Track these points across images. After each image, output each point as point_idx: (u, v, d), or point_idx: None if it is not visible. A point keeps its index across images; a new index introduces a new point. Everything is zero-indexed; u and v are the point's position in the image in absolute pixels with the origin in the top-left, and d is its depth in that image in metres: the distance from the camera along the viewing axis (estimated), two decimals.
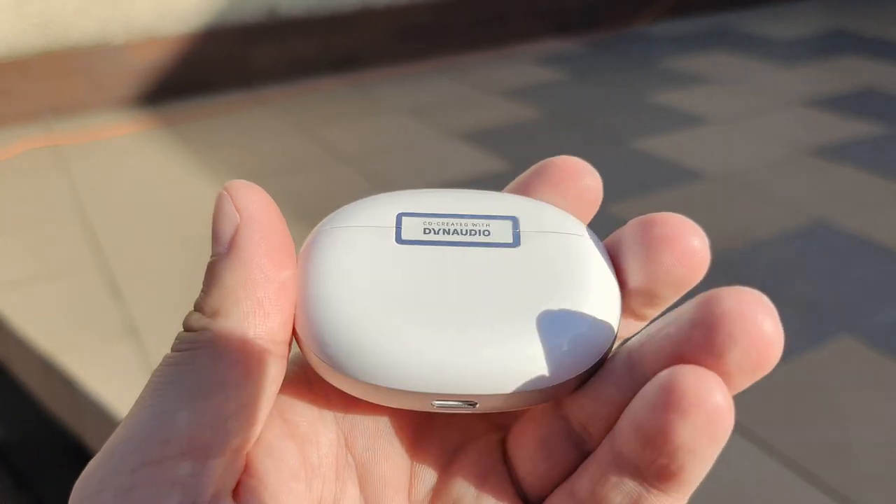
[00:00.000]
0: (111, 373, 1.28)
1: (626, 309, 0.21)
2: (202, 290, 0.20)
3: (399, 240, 0.21)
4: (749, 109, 2.32)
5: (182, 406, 0.18)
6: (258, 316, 0.20)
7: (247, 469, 0.19)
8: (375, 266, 0.21)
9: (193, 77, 2.64)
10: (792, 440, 1.08)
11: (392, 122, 2.37)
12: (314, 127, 2.35)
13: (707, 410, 0.17)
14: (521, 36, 3.14)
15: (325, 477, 0.21)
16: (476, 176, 1.94)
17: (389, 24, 2.91)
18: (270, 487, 0.19)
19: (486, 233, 0.22)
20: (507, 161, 2.03)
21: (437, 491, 0.22)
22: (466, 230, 0.22)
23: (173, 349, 0.20)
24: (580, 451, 0.20)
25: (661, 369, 0.18)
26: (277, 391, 0.20)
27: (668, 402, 0.17)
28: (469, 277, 0.20)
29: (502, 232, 0.22)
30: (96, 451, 0.19)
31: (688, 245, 0.21)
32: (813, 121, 2.22)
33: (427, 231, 0.22)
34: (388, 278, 0.20)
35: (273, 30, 2.73)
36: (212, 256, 0.21)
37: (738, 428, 1.10)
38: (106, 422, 1.21)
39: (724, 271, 1.47)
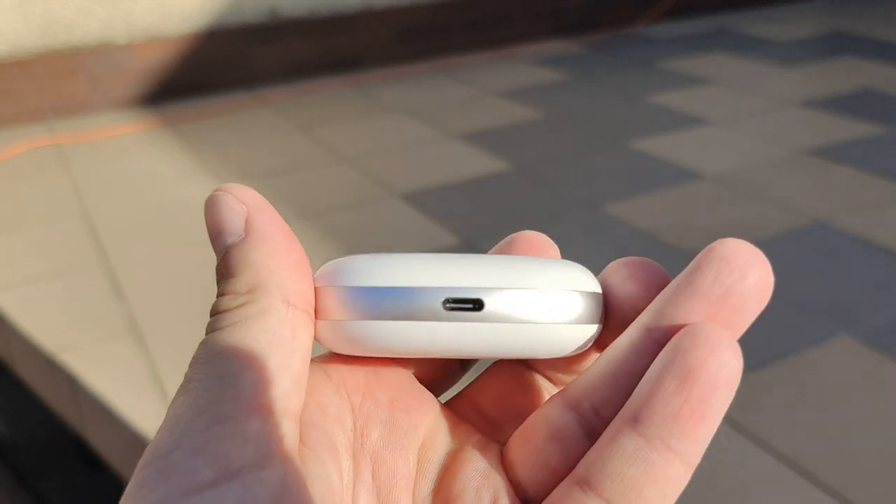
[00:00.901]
0: (113, 371, 1.28)
1: None
2: (225, 278, 0.21)
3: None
4: (748, 110, 2.32)
5: (244, 367, 0.19)
6: (292, 281, 0.21)
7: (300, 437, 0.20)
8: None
9: (195, 77, 2.65)
10: (791, 439, 1.08)
11: (392, 123, 2.37)
12: (315, 127, 2.35)
13: (729, 354, 0.20)
14: (522, 37, 3.14)
15: (347, 460, 0.21)
16: (476, 176, 1.95)
17: (390, 25, 2.92)
18: (321, 456, 0.20)
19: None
20: (507, 161, 2.03)
21: (439, 488, 0.22)
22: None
23: (212, 330, 0.20)
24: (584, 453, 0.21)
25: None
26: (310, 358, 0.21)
27: (696, 342, 0.19)
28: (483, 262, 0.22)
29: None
30: (98, 450, 0.19)
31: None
32: (812, 121, 2.22)
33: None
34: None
35: (274, 30, 2.73)
36: (225, 246, 0.21)
37: (738, 426, 1.10)
38: (107, 420, 1.21)
39: None
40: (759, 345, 1.27)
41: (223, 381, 0.19)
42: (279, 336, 0.20)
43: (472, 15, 3.04)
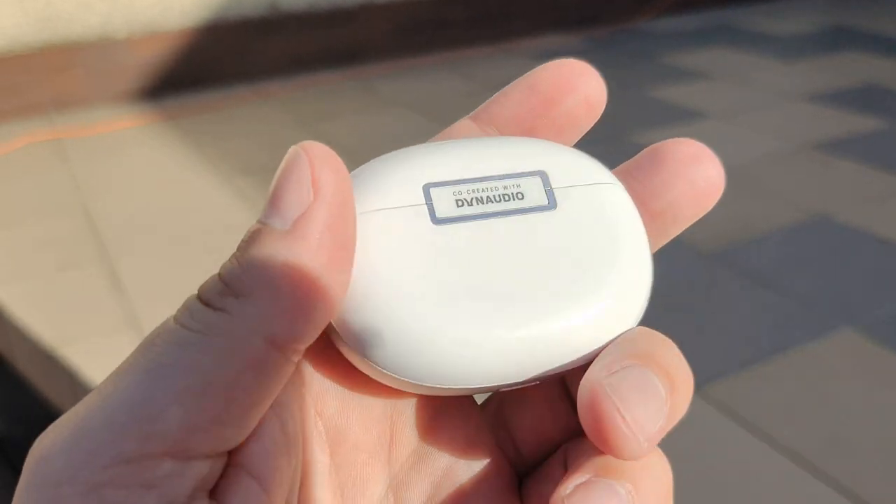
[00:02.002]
0: (113, 366, 1.26)
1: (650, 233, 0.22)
2: (234, 258, 0.17)
3: (434, 219, 0.20)
4: (750, 104, 2.32)
5: (175, 400, 0.16)
6: (291, 317, 0.17)
7: (232, 455, 0.17)
8: (417, 256, 0.19)
9: (195, 71, 2.64)
10: (794, 432, 1.08)
11: (393, 117, 2.37)
12: (315, 121, 2.35)
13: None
14: (523, 31, 3.13)
15: (298, 447, 0.19)
16: None
17: (390, 19, 2.91)
18: (257, 475, 0.17)
19: (520, 196, 0.20)
20: None
21: (420, 454, 0.21)
22: (499, 195, 0.20)
23: (181, 323, 0.17)
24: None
25: None
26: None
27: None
28: (511, 254, 0.20)
29: (535, 192, 0.21)
30: None
31: (708, 164, 0.22)
32: (814, 116, 2.21)
33: (460, 203, 0.20)
34: (433, 269, 0.19)
35: (274, 24, 2.72)
36: (261, 222, 0.18)
37: (740, 420, 1.10)
38: None
39: (726, 265, 1.47)
40: (760, 338, 1.26)
41: (143, 408, 0.16)
42: (240, 378, 0.16)
43: (473, 9, 3.03)
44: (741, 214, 1.67)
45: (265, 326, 0.16)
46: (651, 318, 0.21)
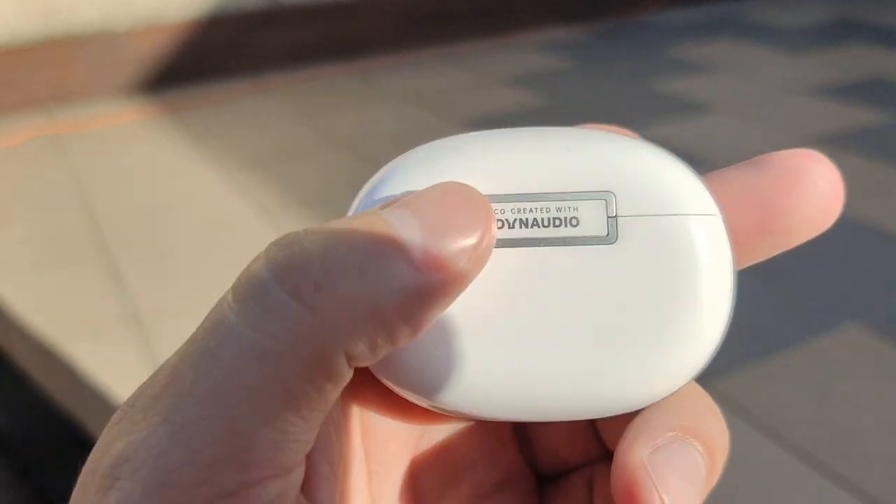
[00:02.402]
0: (113, 361, 1.27)
1: (751, 251, 0.19)
2: (329, 230, 0.15)
3: None
4: (755, 98, 2.31)
5: (265, 423, 0.14)
6: (381, 340, 0.15)
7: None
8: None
9: (195, 64, 2.63)
10: (799, 428, 1.07)
11: (394, 110, 2.36)
12: (316, 114, 2.34)
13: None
14: (525, 23, 3.12)
15: (341, 429, 0.19)
16: None
17: (392, 11, 2.90)
18: (328, 459, 0.17)
19: (574, 221, 0.18)
20: None
21: (441, 448, 0.20)
22: (549, 219, 0.18)
23: (256, 328, 0.15)
24: (604, 445, 0.20)
25: None
26: None
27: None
28: (558, 291, 0.17)
29: (594, 219, 0.18)
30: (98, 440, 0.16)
31: (831, 174, 0.19)
32: (819, 109, 2.20)
33: (504, 224, 0.18)
34: (475, 299, 0.17)
35: (275, 17, 2.72)
36: (384, 207, 0.16)
37: (746, 415, 1.09)
38: (108, 412, 1.20)
39: None
40: (767, 332, 1.26)
41: (235, 440, 0.14)
42: (319, 388, 0.15)
43: (475, 1, 3.02)
44: None
45: (351, 340, 0.15)
46: None
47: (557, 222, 0.18)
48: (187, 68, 2.62)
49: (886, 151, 1.89)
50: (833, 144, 1.95)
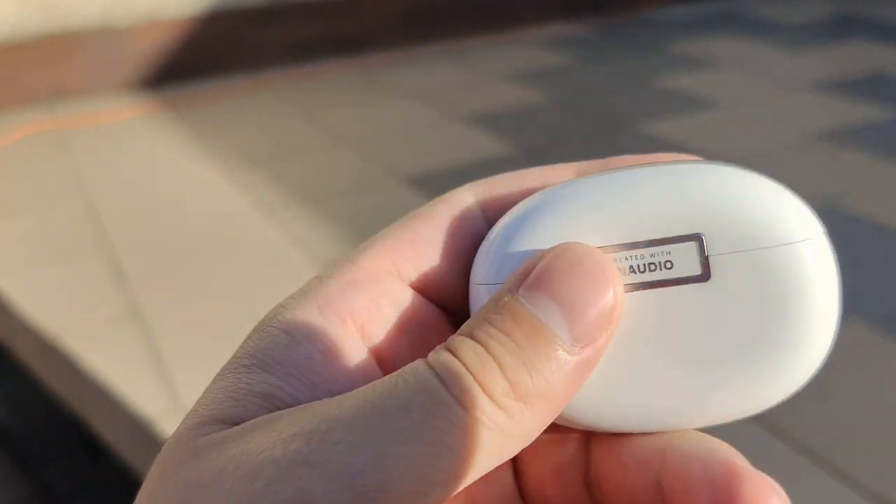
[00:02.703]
0: (114, 356, 1.27)
1: None
2: (514, 353, 0.17)
3: None
4: (758, 94, 2.30)
5: (443, 480, 0.16)
6: (551, 413, 0.17)
7: None
8: None
9: (196, 61, 2.63)
10: (801, 423, 1.07)
11: (396, 107, 2.36)
12: (318, 111, 2.34)
13: None
14: (528, 20, 3.12)
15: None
16: (481, 159, 1.93)
17: (394, 7, 2.89)
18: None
19: (668, 265, 0.19)
20: (512, 145, 2.02)
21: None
22: (645, 265, 0.19)
23: (480, 417, 0.16)
24: (591, 496, 0.20)
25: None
26: None
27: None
28: (661, 331, 0.19)
29: (686, 261, 0.19)
30: (100, 436, 0.16)
31: None
32: (821, 105, 2.20)
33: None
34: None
35: (276, 13, 2.71)
36: (544, 322, 0.17)
37: None
38: (109, 406, 1.20)
39: None
40: None
41: (369, 459, 0.16)
42: (486, 467, 0.17)
43: None
44: None
45: (528, 438, 0.17)
46: None
47: (653, 266, 0.19)
48: (188, 65, 2.62)
49: (888, 147, 1.89)
50: (835, 140, 1.95)
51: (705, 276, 0.18)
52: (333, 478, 0.15)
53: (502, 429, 0.17)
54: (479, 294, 0.19)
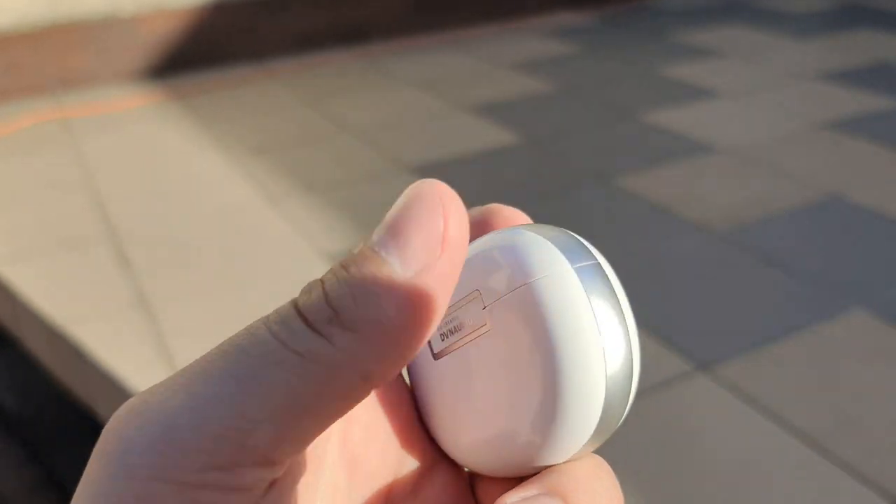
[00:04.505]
0: (121, 344, 1.28)
1: None
2: (346, 285, 0.17)
3: (433, 355, 0.21)
4: (762, 83, 2.30)
5: (268, 418, 0.16)
6: (391, 362, 0.17)
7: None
8: (426, 387, 0.21)
9: (202, 50, 2.63)
10: (804, 413, 1.07)
11: (402, 96, 2.35)
12: (323, 100, 2.34)
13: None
14: (533, 9, 3.11)
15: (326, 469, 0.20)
16: (487, 149, 1.93)
17: None
18: (299, 482, 0.19)
19: (459, 325, 0.20)
20: (518, 134, 2.02)
21: (414, 492, 0.22)
22: (448, 330, 0.20)
23: (280, 340, 0.16)
24: None
25: None
26: None
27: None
28: (472, 383, 0.20)
29: (473, 317, 0.20)
30: (106, 422, 0.17)
31: None
32: (826, 94, 2.19)
33: (443, 337, 0.21)
34: (446, 382, 0.21)
35: (282, 2, 2.71)
36: (377, 254, 0.17)
37: (751, 401, 1.09)
38: (116, 393, 1.21)
39: (737, 245, 1.46)
40: (771, 318, 1.26)
41: (236, 421, 0.16)
42: (333, 405, 0.17)
43: None
44: (752, 194, 1.66)
45: (365, 365, 0.17)
46: (660, 299, 0.20)
47: (453, 330, 0.20)
48: (194, 53, 2.62)
49: (893, 137, 1.88)
50: (840, 130, 1.94)
51: (487, 325, 0.19)
52: (149, 421, 0.16)
53: (323, 358, 0.16)
54: None
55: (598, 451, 0.21)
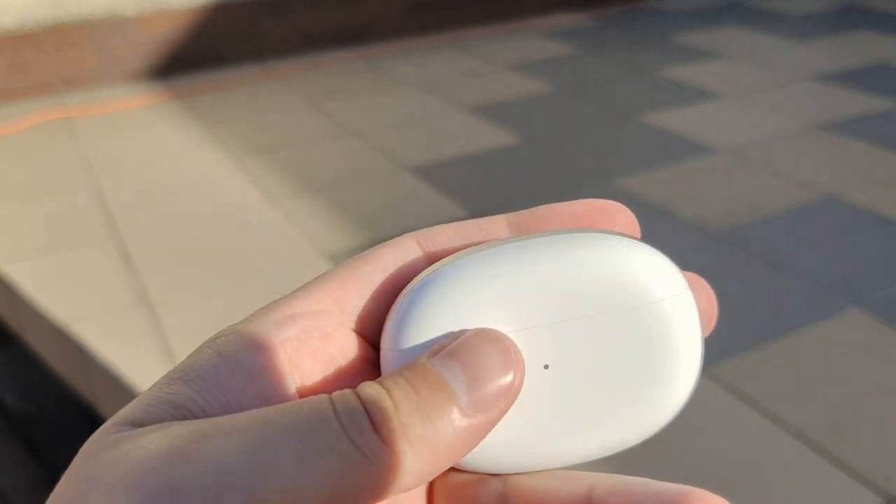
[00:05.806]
0: (124, 342, 1.29)
1: None
2: (414, 403, 0.18)
3: None
4: (761, 84, 2.30)
5: (313, 498, 0.17)
6: (427, 480, 0.19)
7: None
8: None
9: (204, 50, 2.64)
10: (800, 412, 1.08)
11: (402, 96, 2.36)
12: (324, 100, 2.35)
13: None
14: (532, 10, 3.11)
15: None
16: (486, 149, 1.94)
17: None
18: None
19: None
20: (517, 134, 2.02)
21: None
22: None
23: (350, 435, 0.18)
24: None
25: None
26: None
27: None
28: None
29: None
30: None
31: None
32: (824, 95, 2.20)
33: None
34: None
35: (284, 3, 2.72)
36: (449, 382, 0.19)
37: (748, 400, 1.10)
38: (119, 391, 1.22)
39: (734, 244, 1.47)
40: (769, 318, 1.26)
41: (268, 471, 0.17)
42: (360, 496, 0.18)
43: None
44: (750, 194, 1.66)
45: (408, 477, 0.18)
46: None
47: None
48: (196, 54, 2.63)
49: (891, 138, 1.89)
50: (838, 131, 1.95)
51: None
52: (203, 472, 0.16)
53: (380, 463, 0.17)
54: (387, 359, 0.20)
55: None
